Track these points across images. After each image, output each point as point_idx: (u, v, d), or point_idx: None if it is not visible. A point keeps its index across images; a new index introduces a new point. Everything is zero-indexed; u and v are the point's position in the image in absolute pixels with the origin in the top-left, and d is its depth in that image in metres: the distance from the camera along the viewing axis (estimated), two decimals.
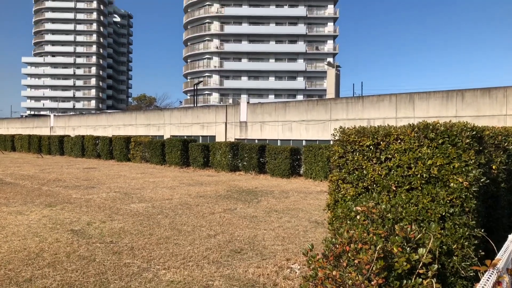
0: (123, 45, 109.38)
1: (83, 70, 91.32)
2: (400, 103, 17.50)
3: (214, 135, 24.70)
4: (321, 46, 62.69)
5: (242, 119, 23.27)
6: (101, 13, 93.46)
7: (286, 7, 62.35)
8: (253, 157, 18.28)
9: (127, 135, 28.56)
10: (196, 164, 20.60)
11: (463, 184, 3.71)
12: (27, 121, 43.50)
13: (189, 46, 66.74)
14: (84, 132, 34.11)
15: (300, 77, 62.06)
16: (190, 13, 66.18)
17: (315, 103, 20.52)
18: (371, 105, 18.34)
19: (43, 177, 15.74)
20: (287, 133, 21.30)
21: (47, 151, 31.87)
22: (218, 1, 62.81)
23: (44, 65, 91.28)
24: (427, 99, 16.77)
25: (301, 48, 61.58)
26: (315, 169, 16.21)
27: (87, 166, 21.72)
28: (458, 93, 16.13)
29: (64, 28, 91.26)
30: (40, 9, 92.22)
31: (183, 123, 26.68)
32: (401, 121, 17.05)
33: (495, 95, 15.32)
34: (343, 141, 4.68)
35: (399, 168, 4.12)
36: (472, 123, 4.36)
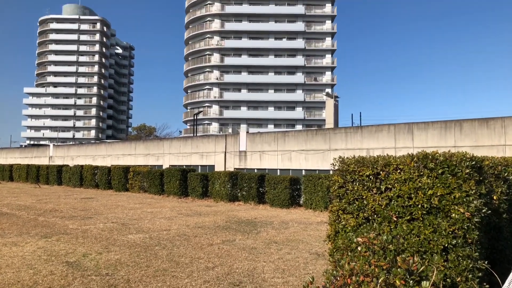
0: (124, 76, 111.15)
1: (84, 100, 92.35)
2: (398, 133, 17.60)
3: (213, 164, 24.67)
4: (319, 77, 63.72)
5: (241, 148, 23.31)
6: (103, 45, 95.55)
7: (284, 40, 63.85)
8: (252, 187, 18.17)
9: (126, 165, 28.50)
10: (194, 194, 20.45)
11: (465, 215, 3.67)
12: (26, 151, 43.51)
13: (189, 77, 67.80)
14: (83, 162, 34.05)
15: (299, 107, 62.72)
16: (191, 45, 67.65)
17: (314, 133, 20.63)
18: (370, 135, 18.43)
19: (40, 208, 15.57)
20: (287, 162, 21.28)
21: (45, 181, 31.69)
22: (218, 34, 64.37)
23: (45, 95, 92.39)
24: (425, 130, 16.88)
25: (299, 79, 62.58)
26: (315, 199, 16.08)
27: (85, 196, 21.54)
28: (456, 124, 16.25)
29: (67, 60, 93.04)
30: (44, 41, 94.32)
31: (182, 153, 26.69)
32: (400, 151, 17.08)
33: (493, 126, 15.43)
34: (343, 171, 4.67)
35: (399, 198, 4.09)
36: (471, 153, 4.36)
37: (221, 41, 64.06)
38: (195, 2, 66.96)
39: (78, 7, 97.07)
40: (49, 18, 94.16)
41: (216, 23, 64.36)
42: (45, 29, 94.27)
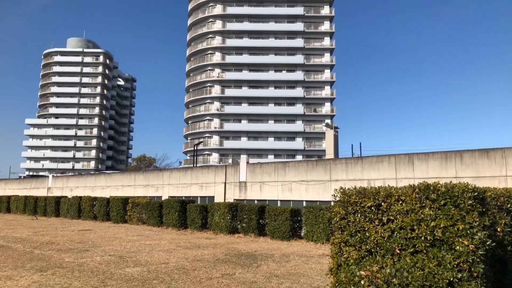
0: (125, 107, 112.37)
1: (85, 131, 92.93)
2: (399, 164, 17.57)
3: (213, 195, 24.47)
4: (319, 108, 64.37)
5: (241, 179, 23.20)
6: (105, 77, 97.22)
7: (284, 72, 64.99)
8: (252, 219, 17.93)
9: (125, 196, 28.28)
10: (194, 226, 20.16)
11: (469, 247, 3.60)
12: (25, 182, 43.32)
13: (190, 108, 68.51)
14: (82, 193, 33.82)
15: (299, 137, 63.00)
16: (192, 77, 68.80)
17: (314, 163, 20.60)
18: (370, 165, 18.40)
19: (36, 240, 15.31)
20: (287, 193, 21.12)
21: (43, 213, 31.34)
22: (219, 66, 65.60)
23: (46, 126, 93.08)
24: (426, 160, 16.87)
25: (299, 110, 63.20)
26: (316, 231, 15.83)
27: (83, 228, 21.24)
28: (457, 154, 16.25)
29: (69, 91, 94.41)
30: (48, 73, 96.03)
31: (182, 184, 26.54)
32: (401, 182, 16.98)
33: (494, 156, 15.43)
34: (344, 202, 4.63)
35: (402, 230, 4.02)
36: (473, 184, 4.33)
37: (222, 73, 65.20)
38: (197, 36, 68.64)
39: (82, 41, 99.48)
40: (53, 51, 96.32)
41: (217, 56, 65.73)
42: (49, 61, 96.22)
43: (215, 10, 66.94)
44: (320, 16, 66.17)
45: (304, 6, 65.95)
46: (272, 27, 65.56)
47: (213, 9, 67.23)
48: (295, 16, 65.70)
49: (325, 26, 66.14)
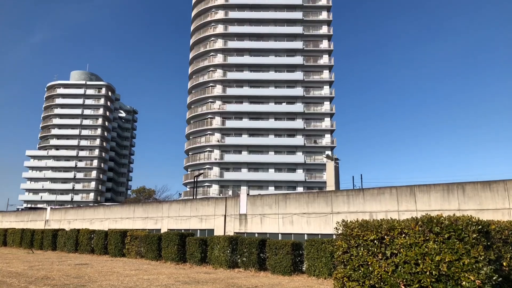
0: (126, 139, 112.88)
1: (85, 163, 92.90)
2: (401, 196, 17.43)
3: (212, 228, 24.11)
4: (319, 140, 64.60)
5: (241, 211, 22.94)
6: (107, 109, 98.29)
7: (284, 104, 65.71)
8: (253, 252, 17.58)
9: (124, 228, 27.88)
10: (193, 260, 19.74)
11: (476, 283, 3.50)
12: (22, 214, 42.83)
13: (191, 140, 68.78)
14: (80, 225, 33.36)
15: (299, 169, 62.85)
16: (193, 109, 69.53)
17: (315, 195, 20.44)
18: (372, 197, 18.24)
19: (32, 275, 14.95)
20: (288, 226, 20.83)
21: (39, 246, 30.78)
22: (220, 98, 66.43)
23: (47, 158, 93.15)
24: (428, 192, 16.74)
25: (299, 142, 63.41)
26: (318, 265, 15.48)
27: (79, 262, 20.80)
28: (459, 186, 16.14)
29: (71, 123, 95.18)
30: (50, 105, 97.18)
31: (181, 216, 26.23)
32: (403, 214, 16.77)
33: (496, 189, 15.32)
34: (347, 235, 4.55)
35: (406, 264, 3.92)
36: (477, 216, 4.27)
37: (223, 105, 65.94)
38: (198, 69, 69.95)
39: (85, 73, 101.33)
40: (56, 84, 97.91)
41: (218, 88, 66.72)
42: (52, 94, 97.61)
43: (216, 44, 68.57)
44: (319, 50, 67.66)
45: (303, 41, 67.58)
46: (272, 60, 66.93)
47: (214, 43, 68.88)
48: (295, 50, 67.22)
49: (324, 59, 67.50)
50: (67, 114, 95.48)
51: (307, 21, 68.57)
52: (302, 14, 68.20)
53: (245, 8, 69.50)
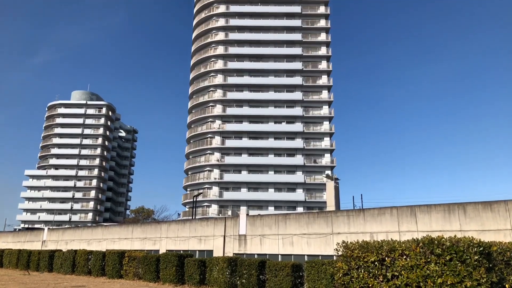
0: (125, 158, 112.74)
1: (84, 183, 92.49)
2: (401, 216, 17.30)
3: (211, 249, 23.82)
4: (318, 160, 64.54)
5: (241, 232, 22.71)
6: (107, 128, 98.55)
7: (284, 123, 65.93)
8: (252, 274, 17.31)
9: (122, 249, 27.52)
10: (191, 282, 19.42)
11: None
12: (19, 235, 42.37)
13: (190, 159, 68.70)
14: (77, 246, 32.94)
15: (299, 189, 62.56)
16: (193, 129, 69.73)
17: (316, 215, 20.28)
18: (372, 218, 18.10)
19: None
20: (288, 247, 20.58)
21: (35, 268, 30.31)
22: (220, 118, 66.71)
23: (46, 177, 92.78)
24: (429, 213, 16.62)
25: (299, 161, 63.33)
26: (319, 287, 15.22)
27: (76, 284, 20.45)
28: (460, 207, 16.04)
29: (71, 142, 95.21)
30: (51, 125, 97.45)
31: (180, 237, 25.94)
32: (404, 235, 16.60)
33: (497, 209, 15.22)
34: (347, 257, 4.49)
35: (407, 287, 3.86)
36: (478, 238, 4.23)
37: (223, 124, 66.17)
38: (199, 89, 70.49)
39: (86, 93, 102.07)
40: (57, 104, 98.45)
41: (218, 108, 67.08)
42: (52, 113, 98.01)
43: (216, 65, 69.33)
44: (318, 71, 68.38)
45: (302, 61, 68.37)
46: (272, 81, 67.54)
47: (214, 64, 69.65)
48: (294, 70, 67.92)
49: (323, 79, 68.14)
50: (67, 134, 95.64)
51: (306, 42, 69.54)
52: (301, 36, 69.24)
53: (245, 29, 70.60)
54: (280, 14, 70.94)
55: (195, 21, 75.81)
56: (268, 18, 71.05)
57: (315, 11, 71.40)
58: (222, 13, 71.67)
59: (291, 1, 71.37)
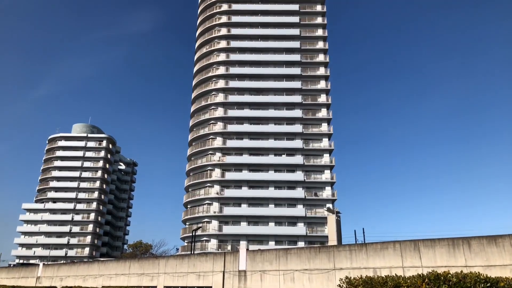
0: (124, 191, 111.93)
1: (82, 216, 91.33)
2: (405, 251, 16.90)
3: (210, 286, 23.14)
4: (319, 192, 64.03)
5: (241, 267, 22.14)
6: (107, 161, 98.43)
7: (284, 156, 65.91)
8: None
9: (118, 286, 26.76)
10: None
11: None
12: (14, 270, 41.33)
13: (190, 192, 68.16)
14: (72, 282, 32.04)
15: (300, 222, 61.67)
16: (193, 161, 69.64)
17: (317, 250, 19.84)
18: (375, 253, 17.68)
19: None
20: (289, 283, 19.99)
21: None
22: (220, 150, 66.78)
23: (43, 211, 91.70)
24: (433, 247, 16.25)
25: (300, 194, 62.77)
26: None
27: None
28: (464, 241, 15.71)
29: (70, 175, 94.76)
30: (50, 158, 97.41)
31: (178, 273, 25.27)
32: (408, 271, 16.16)
33: (502, 244, 14.90)
34: None
35: None
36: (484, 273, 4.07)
37: (223, 157, 66.13)
38: (199, 122, 71.00)
39: (87, 126, 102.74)
40: (58, 136, 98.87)
41: (218, 141, 67.28)
42: (53, 146, 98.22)
43: (217, 98, 70.18)
44: (318, 104, 69.17)
45: (302, 95, 69.28)
46: (272, 113, 68.16)
47: (215, 97, 70.52)
48: (293, 103, 68.71)
49: (322, 112, 68.80)
50: (67, 167, 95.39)
51: (305, 76, 70.72)
52: (300, 70, 70.53)
53: (245, 64, 71.99)
54: (280, 49, 72.57)
55: (196, 55, 77.52)
56: (268, 52, 72.66)
57: (314, 46, 73.08)
58: (224, 48, 73.33)
59: (291, 37, 73.19)
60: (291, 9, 74.45)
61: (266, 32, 73.34)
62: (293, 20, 73.79)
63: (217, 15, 75.92)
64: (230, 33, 73.74)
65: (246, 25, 74.33)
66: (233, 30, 73.96)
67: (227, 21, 74.71)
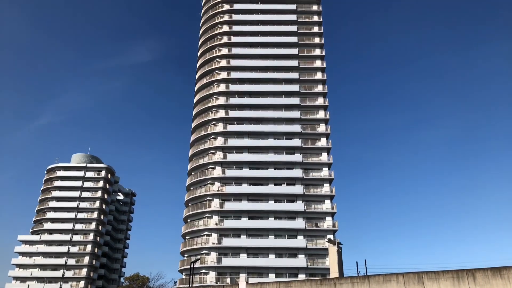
0: (122, 222, 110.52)
1: (78, 248, 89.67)
2: (408, 283, 16.32)
3: None
4: (320, 223, 63.11)
5: None
6: (105, 191, 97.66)
7: (284, 186, 65.37)
8: None
9: None
10: None
11: None
12: None
13: (188, 223, 67.16)
14: None
15: (301, 254, 60.41)
16: (192, 191, 69.01)
17: (318, 283, 19.21)
18: (378, 285, 17.08)
19: None
20: None
21: None
22: (219, 180, 66.30)
23: (38, 243, 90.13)
24: (437, 280, 15.70)
25: (300, 225, 61.83)
26: None
27: None
28: (469, 273, 15.19)
29: (67, 206, 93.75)
30: (48, 188, 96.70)
31: None
32: None
33: (507, 276, 14.40)
34: None
35: None
36: None
37: (222, 186, 65.58)
38: (198, 152, 70.92)
39: (86, 156, 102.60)
40: (56, 167, 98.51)
41: (218, 170, 66.93)
42: (51, 176, 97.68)
43: (216, 128, 70.38)
44: (317, 133, 69.39)
45: (301, 124, 69.60)
46: (271, 143, 68.19)
47: (215, 127, 70.75)
48: (293, 133, 68.92)
49: (322, 142, 68.91)
50: (65, 197, 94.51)
51: (304, 106, 71.30)
52: (299, 100, 71.19)
53: (245, 94, 72.71)
54: (279, 79, 73.54)
55: (197, 86, 78.43)
56: (267, 83, 73.56)
57: (313, 76, 74.12)
58: (224, 79, 74.31)
59: (290, 68, 74.35)
60: (290, 41, 76.03)
61: (266, 63, 74.55)
62: (292, 52, 75.20)
63: (218, 47, 77.44)
64: (230, 64, 74.95)
65: (246, 57, 75.67)
66: (233, 61, 75.22)
67: (227, 53, 76.12)
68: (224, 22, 78.99)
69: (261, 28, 77.25)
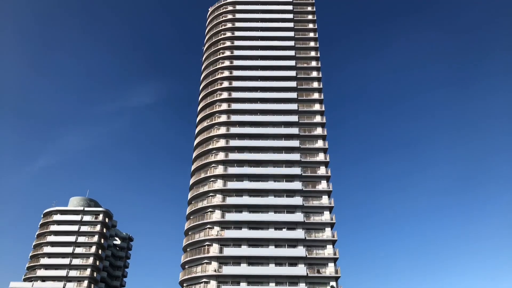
0: (118, 268, 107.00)
1: None
2: None
3: None
4: (322, 269, 60.97)
5: None
6: (102, 236, 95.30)
7: (284, 230, 63.77)
8: None
9: None
10: None
11: None
12: None
13: (186, 269, 64.87)
14: None
15: None
16: (190, 236, 67.27)
17: None
18: None
19: None
20: None
21: None
22: (218, 224, 64.73)
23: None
24: None
25: (302, 272, 59.63)
26: None
27: None
28: None
29: (62, 251, 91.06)
30: (44, 233, 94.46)
31: None
32: None
33: None
34: None
35: None
36: None
37: (221, 231, 63.96)
38: (197, 195, 69.89)
39: (84, 199, 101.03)
40: (53, 210, 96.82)
41: (217, 214, 65.58)
42: (47, 220, 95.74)
43: (216, 170, 69.90)
44: (317, 176, 68.77)
45: (301, 167, 69.16)
46: (272, 186, 67.35)
47: (215, 169, 70.28)
48: (293, 175, 68.29)
49: (322, 185, 68.14)
50: (60, 242, 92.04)
51: (304, 149, 71.19)
52: (299, 142, 71.18)
53: (245, 137, 72.77)
54: (279, 122, 73.94)
55: (197, 129, 78.81)
56: (267, 126, 73.94)
57: (312, 120, 74.58)
58: (224, 122, 74.78)
59: (289, 111, 75.07)
60: (290, 85, 77.29)
61: (265, 106, 75.28)
62: (291, 96, 76.21)
63: (218, 91, 78.63)
64: (230, 107, 75.70)
65: (246, 100, 76.57)
66: (233, 104, 76.05)
67: (228, 96, 77.14)
68: (224, 78, 79.49)
69: (261, 84, 77.84)
